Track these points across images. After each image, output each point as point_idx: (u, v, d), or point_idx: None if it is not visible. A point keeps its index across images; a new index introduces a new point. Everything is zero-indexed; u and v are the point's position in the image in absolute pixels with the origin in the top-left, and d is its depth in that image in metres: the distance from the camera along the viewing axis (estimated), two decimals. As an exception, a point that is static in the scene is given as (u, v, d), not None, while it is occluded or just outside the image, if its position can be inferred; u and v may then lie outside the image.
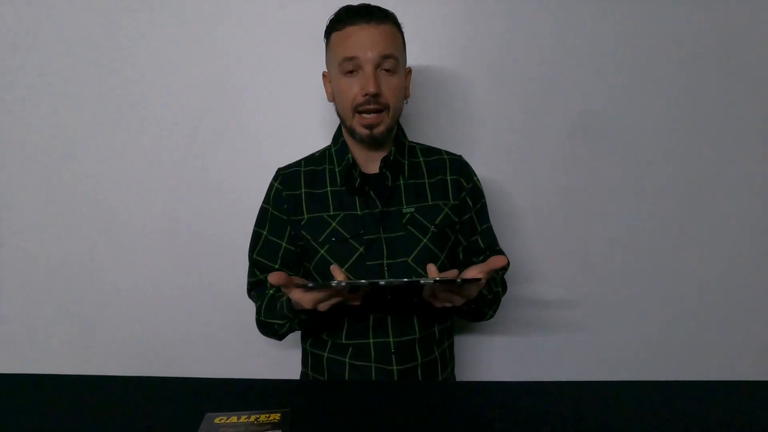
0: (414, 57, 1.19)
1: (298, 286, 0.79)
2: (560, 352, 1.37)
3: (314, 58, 1.30)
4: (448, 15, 1.28)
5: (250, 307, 1.35)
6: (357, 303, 0.85)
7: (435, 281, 0.78)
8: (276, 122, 1.32)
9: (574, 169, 1.33)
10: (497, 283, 1.04)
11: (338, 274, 0.83)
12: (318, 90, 1.30)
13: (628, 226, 1.34)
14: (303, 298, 0.81)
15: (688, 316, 1.36)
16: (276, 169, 1.08)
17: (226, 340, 1.37)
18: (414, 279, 0.79)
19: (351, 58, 0.92)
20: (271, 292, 1.02)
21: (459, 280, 0.79)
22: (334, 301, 0.82)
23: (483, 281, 0.83)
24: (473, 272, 0.83)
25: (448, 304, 0.86)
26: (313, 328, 1.02)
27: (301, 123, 1.32)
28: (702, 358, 1.36)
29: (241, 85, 1.32)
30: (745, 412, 0.75)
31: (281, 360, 1.37)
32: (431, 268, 0.84)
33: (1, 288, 1.37)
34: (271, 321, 0.99)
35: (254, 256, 1.07)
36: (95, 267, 1.36)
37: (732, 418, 0.74)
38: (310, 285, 0.77)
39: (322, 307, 0.82)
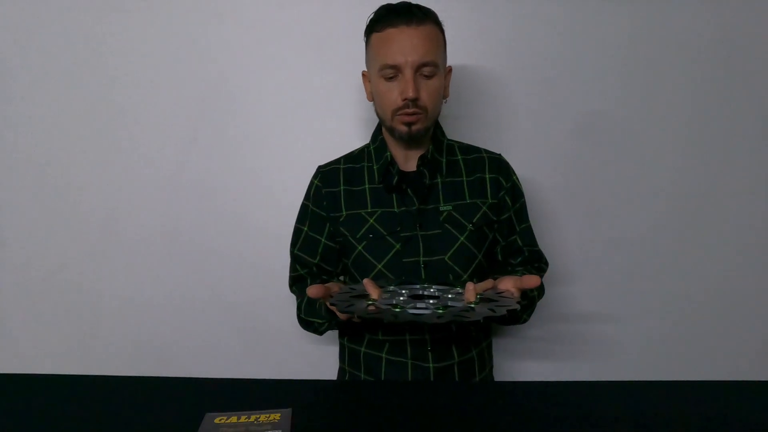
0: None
1: (334, 301, 0.79)
2: (557, 352, 1.37)
3: (314, 58, 1.31)
4: (452, 15, 1.28)
5: (250, 307, 1.36)
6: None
7: (469, 308, 0.74)
8: (276, 124, 1.32)
9: (575, 170, 1.33)
10: (533, 289, 1.01)
11: (372, 290, 0.81)
12: (318, 90, 1.31)
13: (629, 226, 1.34)
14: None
15: (689, 316, 1.35)
16: (316, 167, 1.10)
17: (226, 340, 1.37)
18: (447, 311, 0.73)
19: (391, 66, 0.92)
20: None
21: (492, 310, 0.74)
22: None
23: (516, 296, 0.80)
24: (507, 284, 0.82)
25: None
26: (354, 327, 1.03)
27: (302, 123, 1.32)
28: (702, 358, 1.36)
29: (241, 87, 1.32)
30: (745, 412, 0.75)
31: (281, 360, 1.37)
32: (469, 289, 0.80)
33: (1, 288, 1.37)
34: (311, 320, 1.03)
35: (295, 251, 1.09)
36: (95, 267, 1.36)
37: (732, 418, 0.74)
38: (339, 302, 0.76)
39: (356, 318, 0.85)
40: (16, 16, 1.31)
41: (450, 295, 0.83)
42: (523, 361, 1.38)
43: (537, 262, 1.10)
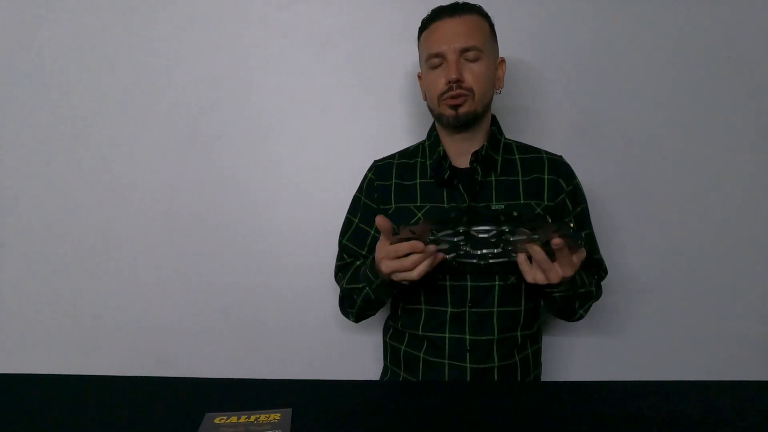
0: None
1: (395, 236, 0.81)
2: (557, 352, 1.37)
3: (315, 58, 1.31)
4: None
5: (251, 308, 1.36)
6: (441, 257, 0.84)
7: (534, 227, 0.74)
8: (276, 123, 1.32)
9: (575, 169, 1.32)
10: (591, 283, 1.01)
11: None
12: (318, 90, 1.31)
13: (628, 226, 1.34)
14: (388, 251, 0.83)
15: (689, 315, 1.35)
16: (372, 161, 1.11)
17: (226, 340, 1.37)
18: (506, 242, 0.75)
19: (435, 54, 0.95)
20: (358, 263, 1.05)
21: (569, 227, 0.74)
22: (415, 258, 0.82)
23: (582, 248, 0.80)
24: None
25: (542, 279, 0.80)
26: (388, 295, 0.99)
27: (302, 123, 1.32)
28: (702, 358, 1.36)
29: (240, 86, 1.32)
30: (745, 412, 0.75)
31: (281, 360, 1.37)
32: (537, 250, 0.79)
33: (1, 288, 1.37)
34: (351, 287, 1.01)
35: (344, 241, 1.10)
36: (95, 267, 1.36)
37: (732, 418, 0.74)
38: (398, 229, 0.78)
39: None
40: (17, 16, 1.31)
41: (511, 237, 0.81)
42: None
43: (596, 269, 1.09)
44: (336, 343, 1.36)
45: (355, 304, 1.02)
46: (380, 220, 0.82)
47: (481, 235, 0.82)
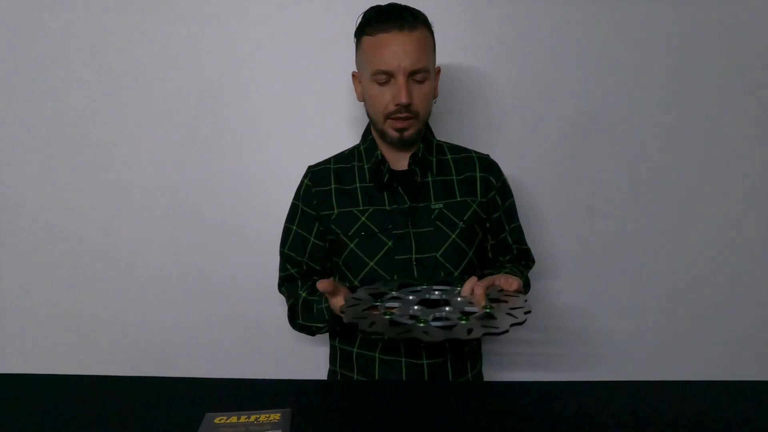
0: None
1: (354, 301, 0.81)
2: (557, 352, 1.37)
3: (314, 58, 1.31)
4: (443, 14, 1.28)
5: (250, 308, 1.36)
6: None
7: (487, 312, 0.75)
8: (277, 123, 1.32)
9: (572, 170, 1.33)
10: (526, 292, 1.06)
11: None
12: (318, 90, 1.31)
13: (628, 226, 1.34)
14: (337, 302, 0.86)
15: (689, 315, 1.35)
16: (306, 167, 1.11)
17: (226, 340, 1.37)
18: (472, 322, 0.73)
19: (384, 72, 0.93)
20: (304, 294, 1.05)
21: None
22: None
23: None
24: (502, 282, 0.83)
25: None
26: (348, 332, 1.04)
27: (302, 123, 1.32)
28: (702, 358, 1.36)
29: (240, 86, 1.32)
30: (745, 412, 0.75)
31: (281, 360, 1.37)
32: (478, 293, 0.79)
33: (1, 288, 1.37)
34: (309, 324, 1.03)
35: (285, 250, 1.09)
36: (95, 267, 1.36)
37: (732, 418, 0.74)
38: (358, 320, 0.76)
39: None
40: (17, 16, 1.31)
41: (459, 299, 0.83)
42: (519, 363, 1.38)
43: (525, 260, 1.13)
44: (336, 343, 1.36)
45: (314, 334, 1.06)
46: (321, 285, 0.83)
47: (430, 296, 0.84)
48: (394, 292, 0.87)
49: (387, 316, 0.76)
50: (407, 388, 0.89)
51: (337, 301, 0.87)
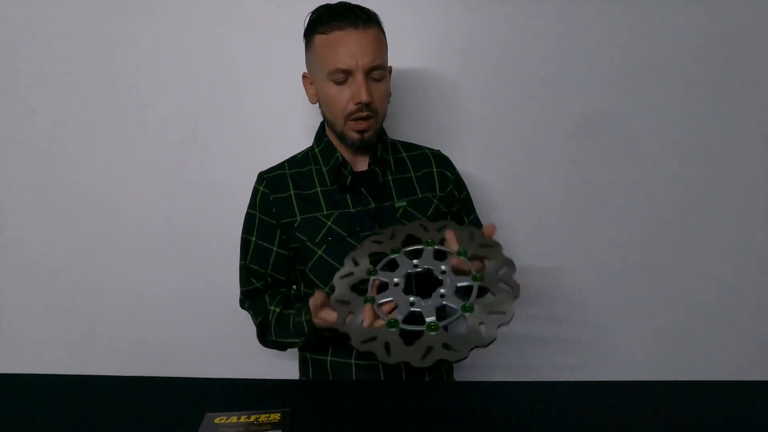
0: (413, 59, 1.19)
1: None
2: (557, 352, 1.37)
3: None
4: (447, 16, 1.28)
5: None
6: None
7: (463, 313, 0.73)
8: (276, 123, 1.32)
9: (574, 170, 1.33)
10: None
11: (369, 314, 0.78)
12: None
13: (629, 226, 1.34)
14: (330, 316, 0.81)
15: (689, 316, 1.35)
16: (257, 173, 1.06)
17: (226, 340, 1.37)
18: (440, 334, 0.71)
19: (343, 70, 0.91)
20: (278, 310, 1.00)
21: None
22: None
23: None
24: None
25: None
26: (331, 342, 0.99)
27: (302, 123, 1.32)
28: (702, 358, 1.36)
29: (240, 86, 1.32)
30: (745, 412, 0.75)
31: (281, 360, 1.37)
32: (456, 263, 0.78)
33: (1, 288, 1.37)
34: (285, 341, 0.99)
35: (247, 263, 1.05)
36: (95, 267, 1.36)
37: (732, 418, 0.74)
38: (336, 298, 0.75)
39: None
40: (17, 16, 1.31)
41: (443, 267, 0.80)
42: (516, 360, 1.38)
43: None
44: (336, 343, 1.36)
45: (284, 349, 1.03)
46: (316, 299, 0.82)
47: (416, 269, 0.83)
48: (373, 277, 0.83)
49: (393, 329, 0.73)
50: (407, 388, 0.89)
51: (327, 314, 0.83)
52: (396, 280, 0.82)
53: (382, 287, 0.81)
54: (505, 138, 1.32)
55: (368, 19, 0.93)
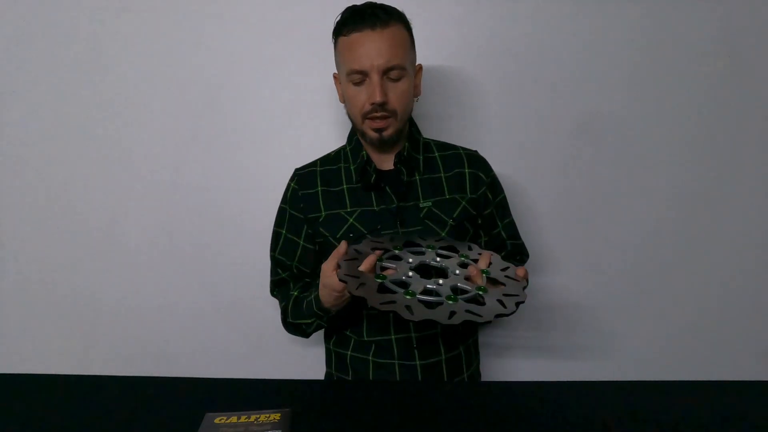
0: (419, 57, 1.19)
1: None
2: (557, 352, 1.37)
3: (314, 58, 1.31)
4: (451, 15, 1.28)
5: (250, 308, 1.36)
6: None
7: (479, 295, 0.77)
8: (276, 124, 1.32)
9: (576, 170, 1.32)
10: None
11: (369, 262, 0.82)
12: (318, 90, 1.31)
13: (630, 226, 1.34)
14: (333, 280, 0.84)
15: (689, 316, 1.35)
16: (293, 170, 1.10)
17: (225, 340, 1.37)
18: (459, 304, 0.74)
19: (358, 71, 0.93)
20: (296, 293, 1.05)
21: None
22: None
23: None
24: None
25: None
26: (339, 325, 1.04)
27: (302, 124, 1.32)
28: (702, 358, 1.36)
29: (240, 86, 1.32)
30: (745, 412, 0.75)
31: (281, 360, 1.37)
32: (473, 273, 0.82)
33: (1, 288, 1.37)
34: (298, 322, 1.02)
35: (276, 255, 1.09)
36: (95, 267, 1.36)
37: (732, 418, 0.74)
38: (349, 279, 0.77)
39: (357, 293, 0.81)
40: (15, 17, 1.31)
41: (457, 271, 0.83)
42: (514, 360, 1.38)
43: (519, 254, 1.14)
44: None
45: (305, 333, 1.05)
46: (339, 249, 0.85)
47: (431, 261, 0.87)
48: (396, 251, 0.88)
49: (379, 280, 0.77)
50: (407, 388, 0.89)
51: (333, 281, 0.85)
52: (410, 260, 0.85)
53: (395, 260, 0.86)
54: (507, 138, 1.31)
55: (388, 19, 0.93)
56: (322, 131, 1.32)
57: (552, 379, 0.88)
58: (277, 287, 1.11)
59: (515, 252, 1.12)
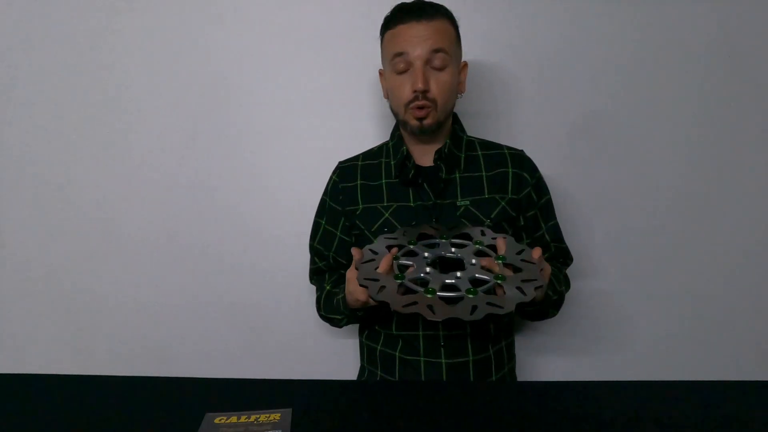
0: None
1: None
2: (556, 352, 1.37)
3: (314, 58, 1.31)
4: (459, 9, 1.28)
5: (250, 307, 1.36)
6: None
7: (497, 282, 0.77)
8: (276, 124, 1.32)
9: (574, 170, 1.32)
10: (561, 281, 1.04)
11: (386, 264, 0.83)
12: (318, 90, 1.31)
13: (629, 226, 1.34)
14: (356, 288, 0.87)
15: (689, 316, 1.35)
16: (324, 165, 1.13)
17: (226, 340, 1.37)
18: (479, 296, 0.74)
19: (400, 54, 0.94)
20: (328, 287, 1.07)
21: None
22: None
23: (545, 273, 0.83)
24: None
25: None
26: (371, 320, 1.06)
27: (301, 123, 1.32)
28: (702, 358, 1.36)
29: (241, 87, 1.32)
30: (745, 412, 0.75)
31: (281, 360, 1.37)
32: (491, 263, 0.83)
33: (1, 288, 1.37)
34: (330, 316, 1.06)
35: (315, 244, 1.12)
36: (95, 267, 1.36)
37: (732, 418, 0.74)
38: (369, 284, 0.78)
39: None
40: (16, 16, 1.31)
41: (473, 261, 0.84)
42: (528, 360, 1.38)
43: (563, 258, 1.12)
44: (336, 344, 1.36)
45: (337, 325, 1.09)
46: (354, 252, 0.87)
47: (446, 253, 0.87)
48: (411, 246, 0.88)
49: (398, 280, 0.78)
50: (407, 388, 0.89)
51: (355, 288, 0.88)
52: (426, 254, 0.86)
53: (411, 255, 0.87)
54: (505, 138, 1.31)
55: (434, 13, 0.95)
56: (322, 132, 1.32)
57: (553, 379, 0.88)
58: (315, 276, 1.15)
59: (559, 255, 1.11)
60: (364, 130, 1.30)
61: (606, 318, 1.36)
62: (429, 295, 0.74)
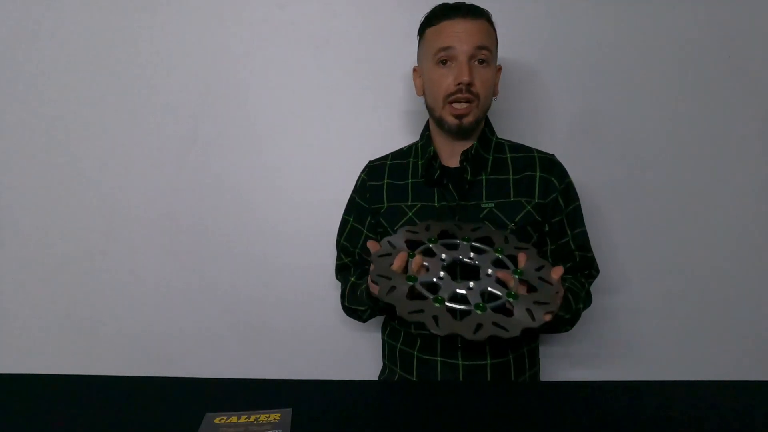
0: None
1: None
2: (557, 352, 1.37)
3: (314, 58, 1.31)
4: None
5: (251, 307, 1.36)
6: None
7: (509, 300, 0.76)
8: (276, 122, 1.32)
9: (572, 169, 1.32)
10: (579, 298, 1.00)
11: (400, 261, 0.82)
12: (319, 90, 1.31)
13: (628, 226, 1.33)
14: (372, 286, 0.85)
15: (689, 316, 1.35)
16: (367, 163, 1.13)
17: (226, 340, 1.37)
18: (486, 314, 0.73)
19: (446, 48, 0.94)
20: (353, 279, 1.08)
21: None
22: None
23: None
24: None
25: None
26: (391, 318, 1.07)
27: (302, 123, 1.32)
28: (702, 358, 1.36)
29: (241, 86, 1.32)
30: (745, 412, 0.75)
31: (281, 360, 1.37)
32: (508, 277, 0.82)
33: (0, 288, 1.37)
34: (354, 307, 1.07)
35: (342, 241, 1.13)
36: (95, 267, 1.36)
37: (732, 418, 0.74)
38: (380, 281, 0.77)
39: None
40: (19, 15, 1.31)
41: (489, 270, 0.83)
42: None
43: (588, 269, 1.08)
44: (336, 343, 1.36)
45: (361, 318, 1.08)
46: (370, 245, 0.87)
47: (464, 257, 0.86)
48: (430, 244, 0.87)
49: (410, 282, 0.77)
50: (406, 389, 0.89)
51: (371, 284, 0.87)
52: (444, 256, 0.85)
53: (428, 254, 0.85)
54: (504, 137, 1.31)
55: (479, 14, 0.96)
56: (323, 131, 1.32)
57: (554, 379, 0.88)
58: (341, 272, 1.15)
59: (584, 265, 1.06)
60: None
61: (606, 318, 1.36)
62: (437, 304, 0.73)
